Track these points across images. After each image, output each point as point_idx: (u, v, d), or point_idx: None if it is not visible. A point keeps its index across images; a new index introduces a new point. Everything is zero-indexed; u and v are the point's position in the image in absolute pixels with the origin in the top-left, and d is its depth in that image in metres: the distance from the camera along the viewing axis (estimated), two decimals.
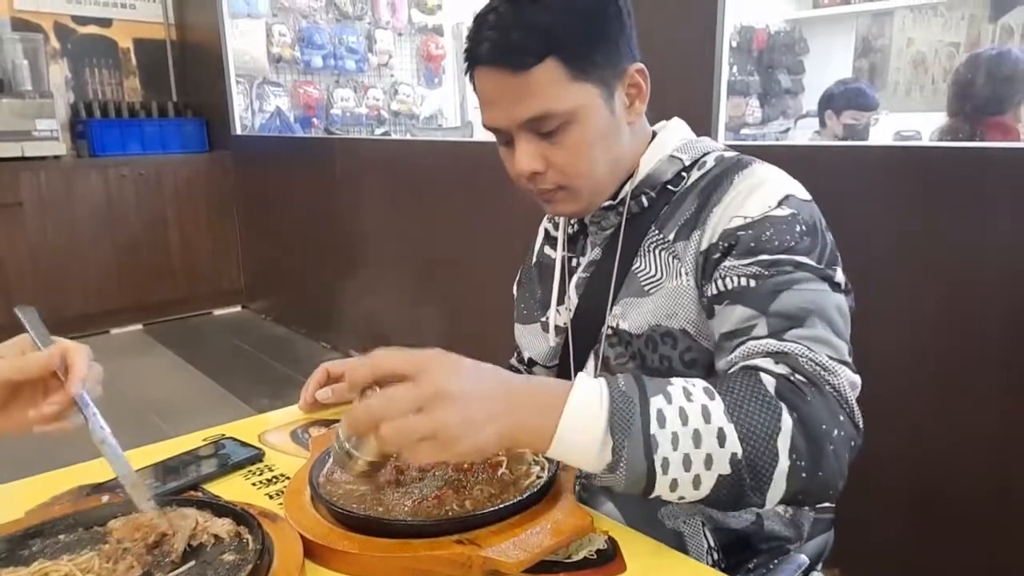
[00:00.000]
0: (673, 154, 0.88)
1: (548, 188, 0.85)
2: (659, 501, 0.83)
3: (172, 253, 4.22)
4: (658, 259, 0.85)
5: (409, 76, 5.15)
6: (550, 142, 0.82)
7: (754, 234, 0.76)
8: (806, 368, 0.67)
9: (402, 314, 3.26)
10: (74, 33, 4.19)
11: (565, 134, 0.81)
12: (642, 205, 0.88)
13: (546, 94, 0.79)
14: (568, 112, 0.80)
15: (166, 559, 0.63)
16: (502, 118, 0.82)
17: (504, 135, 0.84)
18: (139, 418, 2.86)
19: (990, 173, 1.43)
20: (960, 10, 4.78)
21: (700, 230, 0.82)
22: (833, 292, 0.74)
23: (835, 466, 0.64)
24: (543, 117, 0.80)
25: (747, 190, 0.80)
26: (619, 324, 0.87)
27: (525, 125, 0.81)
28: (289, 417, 1.02)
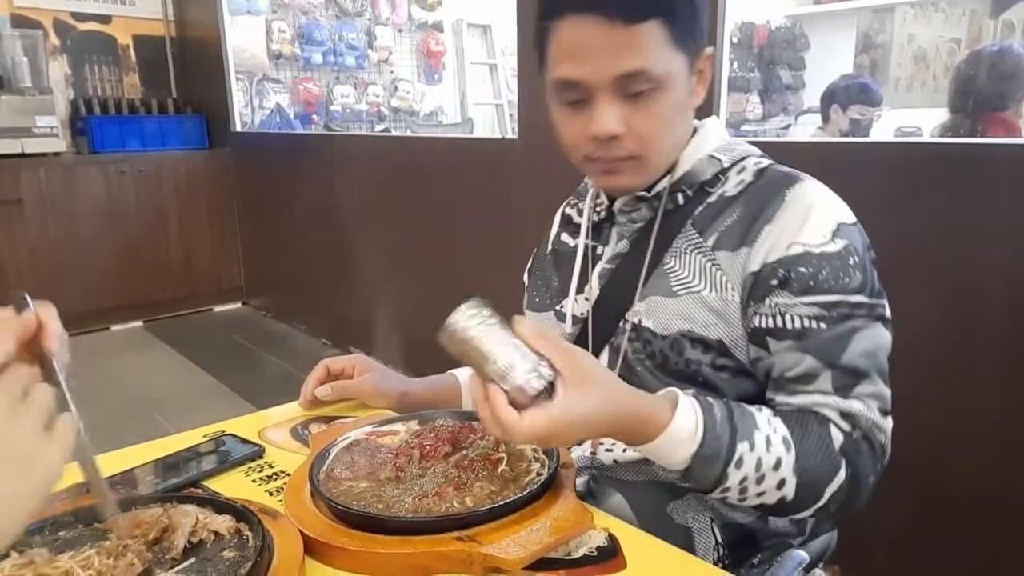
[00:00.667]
0: (713, 154, 0.87)
1: (620, 156, 0.81)
2: (669, 496, 0.84)
3: (172, 250, 4.22)
4: (695, 263, 0.83)
5: (409, 72, 5.14)
6: (634, 106, 0.78)
7: (812, 272, 0.76)
8: (864, 426, 0.75)
9: (402, 310, 3.26)
10: (74, 29, 4.18)
11: (652, 99, 0.78)
12: (677, 202, 0.86)
13: (647, 53, 0.76)
14: (661, 77, 0.77)
15: (166, 556, 0.63)
16: (592, 71, 0.77)
17: (580, 93, 0.80)
18: (139, 415, 2.86)
19: (991, 169, 1.43)
20: (961, 6, 4.77)
21: (749, 247, 0.80)
22: (883, 331, 0.78)
23: (857, 506, 0.76)
24: (638, 75, 0.76)
25: (802, 213, 0.79)
26: (641, 320, 0.85)
27: (615, 83, 0.77)
28: (289, 414, 1.02)
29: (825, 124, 2.99)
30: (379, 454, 0.79)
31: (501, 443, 0.79)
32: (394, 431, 0.86)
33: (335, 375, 1.03)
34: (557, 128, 0.86)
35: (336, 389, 1.01)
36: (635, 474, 0.86)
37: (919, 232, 1.49)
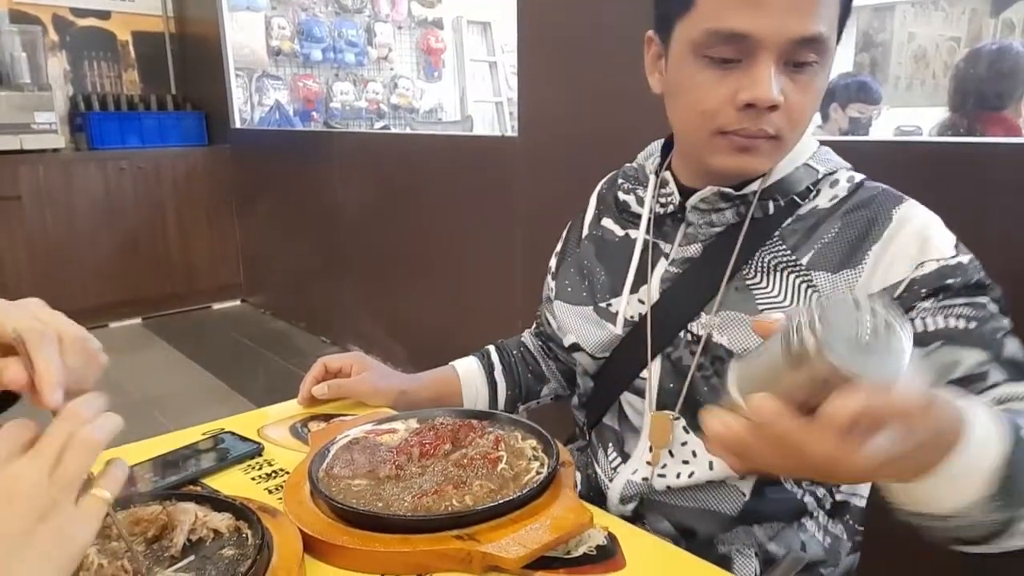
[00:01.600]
0: (809, 163, 0.80)
1: (767, 132, 0.72)
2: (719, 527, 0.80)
3: (171, 247, 4.22)
4: (784, 280, 0.76)
5: (409, 70, 5.14)
6: (793, 78, 0.71)
7: (963, 279, 0.70)
8: None
9: (401, 308, 3.26)
10: (73, 25, 4.17)
11: (812, 74, 0.71)
12: (766, 210, 0.79)
13: (828, 20, 0.69)
14: (828, 50, 0.70)
15: (165, 553, 0.63)
16: (770, 25, 0.67)
17: (738, 51, 0.69)
18: (138, 412, 2.86)
19: (992, 168, 1.43)
20: (961, 5, 4.77)
21: (853, 270, 0.74)
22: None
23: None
24: (814, 42, 0.68)
25: (918, 235, 0.73)
26: (714, 336, 0.78)
27: (788, 46, 0.68)
28: (288, 411, 1.02)
29: (824, 123, 2.99)
30: (378, 452, 0.79)
31: (501, 441, 0.79)
32: (393, 429, 0.86)
33: (333, 373, 1.02)
34: (686, 93, 0.75)
35: (334, 387, 0.99)
36: (691, 501, 0.82)
37: None
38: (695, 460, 0.81)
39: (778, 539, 0.82)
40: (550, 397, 1.09)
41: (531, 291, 1.06)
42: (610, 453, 0.90)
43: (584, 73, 2.03)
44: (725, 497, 0.81)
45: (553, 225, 1.07)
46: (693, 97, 0.74)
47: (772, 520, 0.82)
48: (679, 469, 0.82)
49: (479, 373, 1.06)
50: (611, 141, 1.45)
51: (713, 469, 0.80)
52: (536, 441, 0.80)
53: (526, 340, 1.10)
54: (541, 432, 0.81)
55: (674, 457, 0.83)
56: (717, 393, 0.77)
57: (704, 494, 0.81)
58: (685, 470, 0.81)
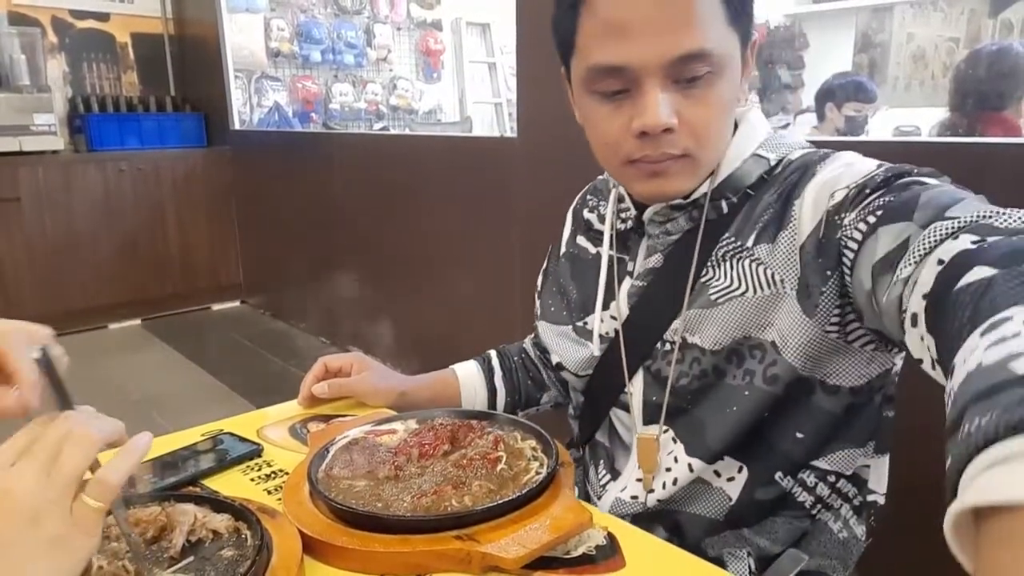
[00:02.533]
0: (759, 152, 0.76)
1: (671, 155, 0.71)
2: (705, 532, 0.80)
3: (170, 248, 4.22)
4: (733, 268, 0.75)
5: (408, 71, 5.14)
6: (686, 95, 0.69)
7: (866, 182, 0.64)
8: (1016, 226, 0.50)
9: (401, 309, 3.25)
10: (72, 27, 4.17)
11: (708, 87, 0.68)
12: (720, 210, 0.77)
13: (706, 30, 0.66)
14: (719, 58, 0.68)
15: (165, 554, 0.63)
16: (643, 53, 0.66)
17: (623, 82, 0.69)
18: (137, 413, 2.86)
19: (990, 168, 1.43)
20: (960, 5, 4.77)
21: (787, 229, 0.71)
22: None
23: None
24: (697, 56, 0.66)
25: (835, 171, 0.69)
26: (687, 339, 0.77)
27: (671, 66, 0.67)
28: (288, 412, 1.02)
29: (821, 122, 3.00)
30: (378, 453, 0.79)
31: (500, 442, 0.79)
32: (393, 430, 0.86)
33: (333, 373, 1.02)
34: (591, 128, 0.75)
35: (334, 387, 0.98)
36: (675, 509, 0.82)
37: None
38: (676, 465, 0.80)
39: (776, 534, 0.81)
40: (550, 404, 1.09)
41: (529, 292, 1.05)
42: (600, 470, 0.90)
43: None
44: (710, 501, 0.80)
45: (552, 226, 1.07)
46: (595, 131, 0.75)
47: (765, 519, 0.81)
48: (664, 479, 0.81)
49: (479, 377, 1.06)
50: None
51: (693, 471, 0.79)
52: (535, 441, 0.80)
53: (527, 347, 1.10)
54: (540, 432, 0.81)
55: (658, 467, 0.82)
56: (698, 395, 0.77)
57: (689, 500, 0.81)
58: (668, 477, 0.81)
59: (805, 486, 0.80)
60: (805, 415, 0.75)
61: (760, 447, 0.77)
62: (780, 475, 0.79)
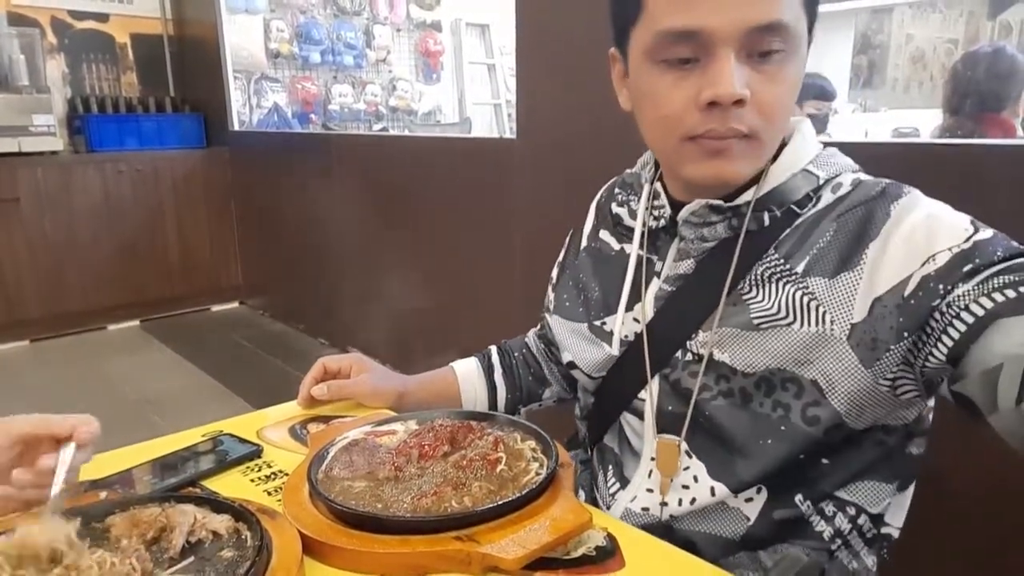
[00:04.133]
0: (808, 168, 0.73)
1: (737, 132, 0.67)
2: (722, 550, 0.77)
3: (170, 249, 4.22)
4: (779, 292, 0.71)
5: (407, 72, 5.14)
6: (759, 70, 0.66)
7: (985, 258, 0.62)
8: None
9: (400, 310, 3.25)
10: (71, 28, 4.17)
11: (780, 65, 0.66)
12: (761, 222, 0.73)
13: (786, 3, 0.64)
14: (794, 35, 0.65)
15: (164, 555, 0.63)
16: (720, 18, 0.63)
17: (694, 50, 0.66)
18: (137, 414, 2.86)
19: (989, 170, 1.43)
20: (959, 7, 4.78)
21: (853, 271, 0.67)
22: None
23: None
24: (774, 29, 0.64)
25: (924, 224, 0.66)
26: (715, 354, 0.74)
27: (747, 36, 0.64)
28: (287, 413, 1.02)
29: None
30: (378, 454, 0.79)
31: (500, 442, 0.79)
32: (393, 431, 0.86)
33: (332, 374, 1.01)
34: (650, 102, 0.71)
35: (333, 388, 0.98)
36: (686, 525, 0.80)
37: None
38: (696, 485, 0.78)
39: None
40: (552, 400, 1.08)
41: (530, 292, 1.05)
42: (609, 478, 0.88)
43: (582, 75, 2.03)
44: (727, 521, 0.78)
45: (551, 226, 1.06)
46: (655, 104, 0.70)
47: (780, 543, 0.79)
48: (680, 495, 0.79)
49: (478, 375, 1.05)
50: (609, 143, 1.45)
51: (715, 495, 0.76)
52: (535, 442, 0.80)
53: (529, 341, 1.09)
54: (540, 433, 0.81)
55: (673, 483, 0.80)
56: (726, 416, 0.74)
57: (705, 519, 0.79)
58: (687, 496, 0.78)
59: (824, 515, 0.78)
60: (836, 451, 0.74)
61: (786, 473, 0.75)
62: (800, 498, 0.77)
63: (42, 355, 3.60)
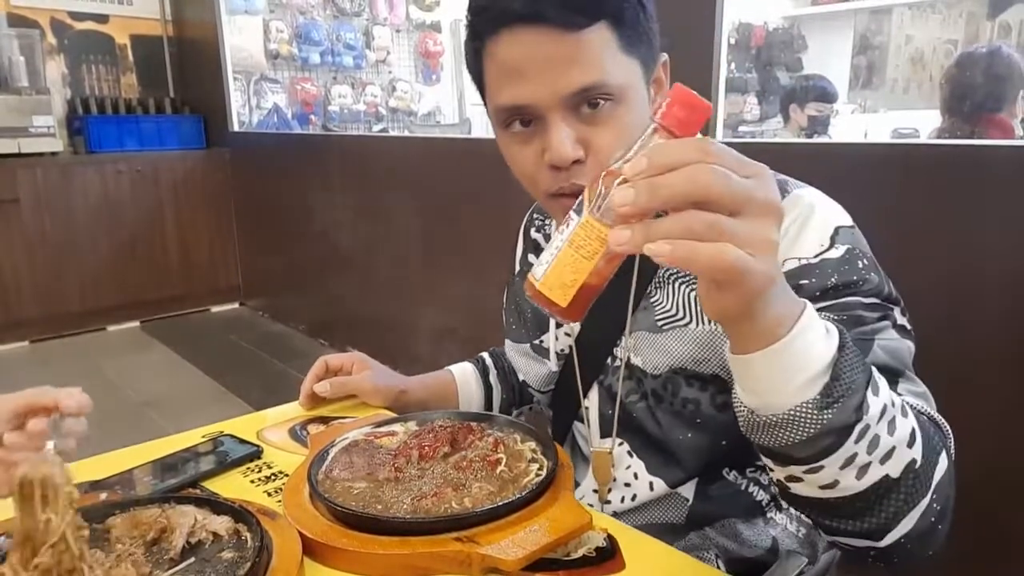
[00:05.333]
0: None
1: (582, 184, 0.70)
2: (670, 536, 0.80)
3: (169, 250, 4.22)
4: (678, 294, 0.77)
5: (407, 73, 5.14)
6: (591, 125, 0.70)
7: (818, 282, 0.68)
8: (938, 421, 0.63)
9: (400, 311, 3.25)
10: (71, 29, 4.17)
11: (611, 115, 0.69)
12: None
13: (599, 62, 0.67)
14: (619, 87, 0.69)
15: (164, 556, 0.63)
16: (538, 91, 0.68)
17: (529, 116, 0.71)
18: (137, 415, 2.86)
19: (988, 170, 1.43)
20: (958, 7, 4.79)
21: None
22: (901, 337, 0.68)
23: (946, 527, 0.60)
24: (595, 88, 0.68)
25: (796, 226, 0.71)
26: (631, 359, 0.80)
27: (567, 100, 0.68)
28: (287, 414, 1.02)
29: (786, 123, 3.09)
30: (378, 455, 0.79)
31: (500, 444, 0.79)
32: (393, 432, 0.86)
33: (334, 371, 1.02)
34: (510, 162, 0.77)
35: (335, 385, 0.98)
36: (638, 519, 0.84)
37: (917, 234, 1.49)
38: (636, 482, 0.83)
39: (740, 536, 0.82)
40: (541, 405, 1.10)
41: None
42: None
43: None
44: (669, 507, 0.82)
45: None
46: (512, 164, 0.76)
47: (725, 518, 0.82)
48: (622, 493, 0.84)
49: (475, 376, 1.06)
50: None
51: (653, 490, 0.81)
52: (535, 443, 0.80)
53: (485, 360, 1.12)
54: (540, 434, 0.81)
55: (616, 482, 0.84)
56: (649, 415, 0.80)
57: (650, 511, 0.83)
58: (628, 493, 0.84)
59: (760, 483, 0.82)
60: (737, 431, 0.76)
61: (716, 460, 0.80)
62: (727, 471, 0.82)
63: (42, 356, 3.60)
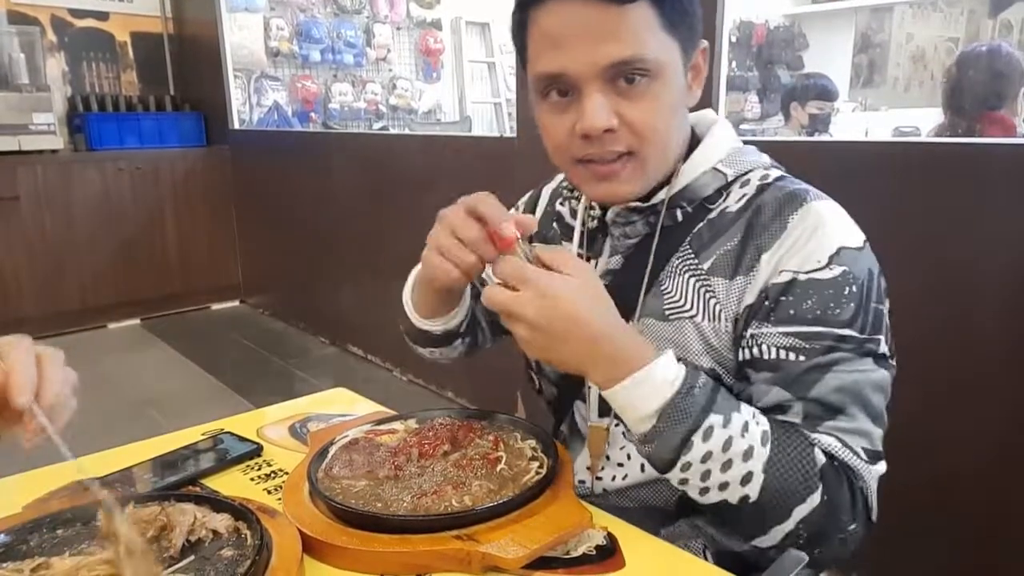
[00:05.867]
0: (718, 167, 0.79)
1: (615, 154, 0.74)
2: (658, 523, 0.82)
3: (170, 248, 4.21)
4: (687, 286, 0.78)
5: (407, 70, 5.13)
6: (626, 96, 0.72)
7: (795, 300, 0.71)
8: (842, 460, 0.69)
9: (400, 309, 3.25)
10: (71, 26, 4.17)
11: (646, 90, 0.72)
12: (675, 218, 0.80)
13: (639, 37, 0.69)
14: (656, 63, 0.71)
15: (164, 554, 0.63)
16: (578, 61, 0.70)
17: (566, 86, 0.73)
18: (137, 413, 2.86)
19: (988, 169, 1.43)
20: (959, 5, 4.78)
21: (745, 277, 0.74)
22: (875, 368, 0.71)
23: (836, 551, 0.70)
24: (630, 62, 0.70)
25: (804, 239, 0.73)
26: None
27: (605, 72, 0.70)
28: (287, 412, 1.02)
29: (787, 121, 3.08)
30: (378, 453, 0.79)
31: (500, 441, 0.79)
32: (393, 430, 0.86)
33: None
34: (543, 130, 0.79)
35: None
36: (628, 500, 0.85)
37: (917, 232, 1.49)
38: (629, 463, 0.84)
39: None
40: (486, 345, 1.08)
41: None
42: None
43: None
44: (660, 492, 0.83)
45: None
46: (546, 134, 0.78)
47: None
48: (614, 472, 0.85)
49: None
50: None
51: (644, 471, 0.82)
52: (536, 441, 0.80)
53: None
54: (540, 432, 0.81)
55: (610, 460, 0.85)
56: None
57: (640, 492, 0.83)
58: (620, 472, 0.84)
59: None
60: None
61: None
62: None
63: None
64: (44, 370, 0.61)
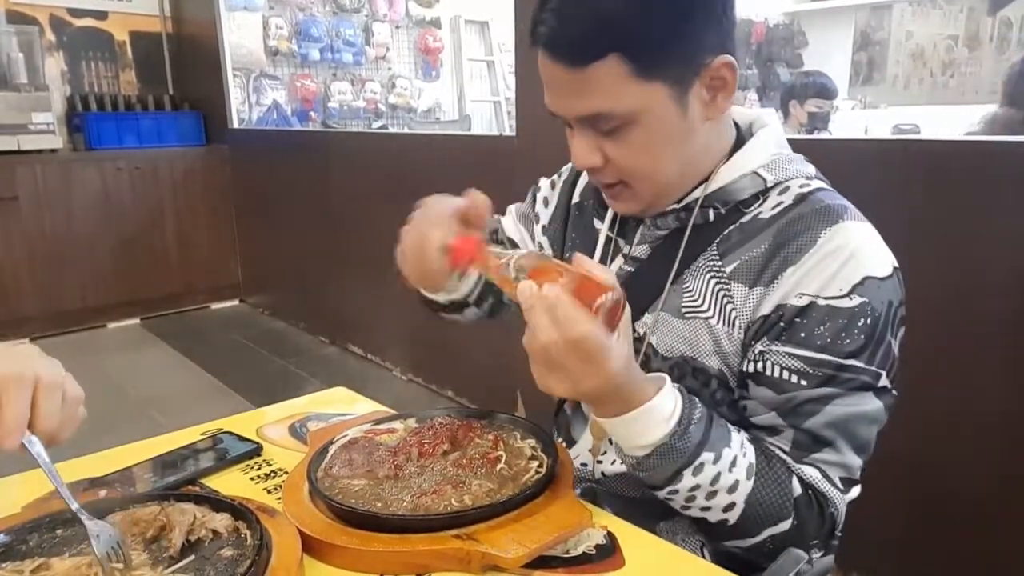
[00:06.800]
0: (758, 171, 0.79)
1: (609, 182, 0.79)
2: (658, 515, 0.83)
3: (169, 247, 4.21)
4: (707, 287, 0.78)
5: (407, 69, 5.13)
6: (609, 138, 0.75)
7: (808, 324, 0.72)
8: (816, 492, 0.74)
9: (400, 308, 3.25)
10: (70, 26, 4.16)
11: (625, 134, 0.74)
12: (707, 218, 0.80)
13: (604, 94, 0.71)
14: (628, 114, 0.72)
15: (164, 554, 0.63)
16: (560, 107, 0.76)
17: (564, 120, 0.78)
18: (136, 412, 2.86)
19: (993, 167, 1.43)
20: (959, 3, 4.78)
21: (766, 289, 0.74)
22: (872, 400, 0.73)
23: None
24: (598, 117, 0.73)
25: (833, 263, 0.72)
26: (646, 335, 0.81)
27: (581, 120, 0.75)
28: (287, 411, 1.02)
29: (786, 119, 3.09)
30: (377, 452, 0.79)
31: (500, 441, 0.79)
32: (392, 429, 0.86)
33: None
34: None
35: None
36: (631, 489, 0.85)
37: (922, 231, 1.49)
38: None
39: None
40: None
41: None
42: (558, 439, 0.94)
43: None
44: None
45: None
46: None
47: None
48: (615, 457, 0.85)
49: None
50: None
51: None
52: (535, 441, 0.80)
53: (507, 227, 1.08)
54: (540, 431, 0.81)
55: (612, 444, 0.84)
56: None
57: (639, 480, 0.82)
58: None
59: None
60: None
61: None
62: None
63: None
64: (39, 407, 0.60)
